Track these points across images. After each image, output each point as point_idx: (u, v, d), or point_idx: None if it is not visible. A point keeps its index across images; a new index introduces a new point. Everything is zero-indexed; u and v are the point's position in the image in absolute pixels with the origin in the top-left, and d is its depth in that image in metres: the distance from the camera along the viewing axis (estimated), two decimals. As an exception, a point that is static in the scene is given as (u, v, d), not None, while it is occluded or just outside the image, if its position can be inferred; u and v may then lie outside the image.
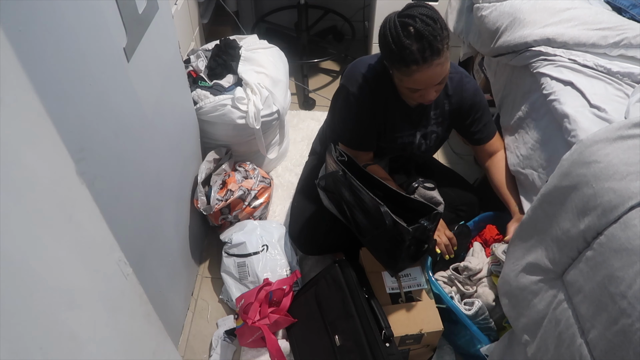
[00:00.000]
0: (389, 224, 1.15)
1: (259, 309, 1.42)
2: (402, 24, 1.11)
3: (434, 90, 1.21)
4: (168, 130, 1.30)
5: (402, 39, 1.10)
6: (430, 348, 1.41)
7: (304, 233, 1.54)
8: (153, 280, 1.22)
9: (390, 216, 1.15)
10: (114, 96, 0.94)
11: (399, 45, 1.11)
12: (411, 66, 1.12)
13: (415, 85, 1.18)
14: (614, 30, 1.32)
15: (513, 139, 1.42)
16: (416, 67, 1.12)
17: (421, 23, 1.10)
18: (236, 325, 1.49)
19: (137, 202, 1.09)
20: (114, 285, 0.65)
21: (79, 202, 0.58)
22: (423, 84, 1.18)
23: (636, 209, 0.72)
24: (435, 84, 1.18)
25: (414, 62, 1.12)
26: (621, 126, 0.83)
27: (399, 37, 1.11)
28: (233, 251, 1.55)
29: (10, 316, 0.42)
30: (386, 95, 1.32)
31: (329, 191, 1.37)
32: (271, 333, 1.40)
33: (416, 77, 1.15)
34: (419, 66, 1.12)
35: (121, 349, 0.65)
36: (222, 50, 1.76)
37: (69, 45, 0.75)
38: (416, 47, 1.10)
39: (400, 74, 1.18)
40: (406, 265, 1.34)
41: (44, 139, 0.51)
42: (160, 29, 1.16)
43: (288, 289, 1.48)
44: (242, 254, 1.53)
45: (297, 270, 1.55)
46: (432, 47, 1.10)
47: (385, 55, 1.19)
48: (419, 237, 1.20)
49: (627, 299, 0.69)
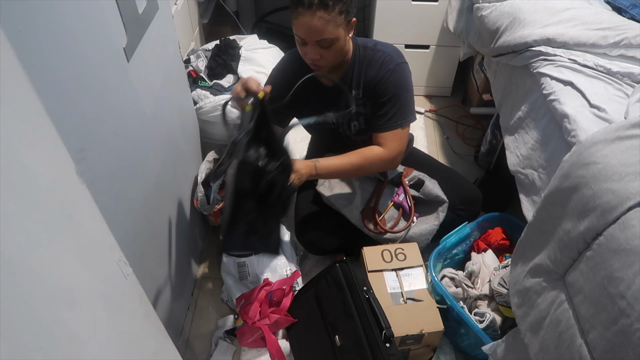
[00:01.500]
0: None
1: (259, 309, 1.42)
2: None
3: (316, 51, 1.21)
4: (168, 130, 1.30)
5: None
6: (430, 348, 1.41)
7: (309, 233, 1.55)
8: (153, 280, 1.22)
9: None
10: (114, 96, 0.94)
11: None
12: (298, 8, 1.16)
13: (298, 31, 1.20)
14: (614, 30, 1.32)
15: (513, 139, 1.42)
16: (302, 10, 1.15)
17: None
18: (236, 325, 1.49)
19: (137, 202, 1.09)
20: (114, 285, 0.65)
21: (79, 202, 0.58)
22: (303, 32, 1.19)
23: (635, 210, 0.73)
24: (316, 39, 1.18)
25: (300, 4, 1.15)
26: (619, 127, 0.83)
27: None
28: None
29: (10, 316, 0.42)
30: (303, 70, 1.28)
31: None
32: (271, 333, 1.40)
33: (299, 21, 1.17)
34: (304, 9, 1.15)
35: (121, 349, 0.65)
36: (222, 50, 1.77)
37: (69, 45, 0.75)
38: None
39: (292, 19, 1.19)
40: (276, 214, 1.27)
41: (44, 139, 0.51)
42: (160, 29, 1.17)
43: (288, 289, 1.48)
44: (241, 254, 1.53)
45: (297, 270, 1.55)
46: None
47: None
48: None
49: (626, 299, 0.69)
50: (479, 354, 1.30)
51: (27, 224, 0.47)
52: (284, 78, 1.34)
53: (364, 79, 1.33)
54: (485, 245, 1.53)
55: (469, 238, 1.55)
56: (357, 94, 1.36)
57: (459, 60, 2.20)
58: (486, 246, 1.53)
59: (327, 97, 1.37)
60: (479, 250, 1.54)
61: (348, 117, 1.40)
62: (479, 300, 1.41)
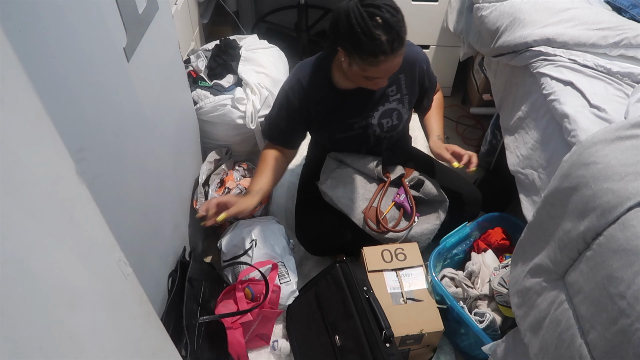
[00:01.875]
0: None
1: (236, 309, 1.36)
2: (369, 14, 1.10)
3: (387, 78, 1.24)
4: (168, 130, 1.30)
5: (372, 29, 1.10)
6: (430, 348, 1.41)
7: (310, 234, 1.55)
8: (153, 280, 1.22)
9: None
10: (114, 96, 0.94)
11: (369, 36, 1.10)
12: (379, 57, 1.13)
13: (378, 74, 1.20)
14: (614, 30, 1.32)
15: (513, 139, 1.42)
16: (384, 58, 1.13)
17: (388, 14, 1.10)
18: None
19: (137, 202, 1.09)
20: (114, 285, 0.65)
21: (79, 202, 0.58)
22: (385, 73, 1.20)
23: (634, 210, 0.73)
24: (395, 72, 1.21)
25: (382, 53, 1.12)
26: (619, 127, 0.83)
27: (368, 27, 1.10)
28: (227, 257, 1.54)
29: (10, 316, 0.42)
30: (322, 89, 1.34)
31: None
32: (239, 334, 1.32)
33: (382, 67, 1.16)
34: (387, 57, 1.13)
35: (121, 349, 0.65)
36: (222, 50, 1.76)
37: (69, 45, 0.75)
38: (385, 38, 1.11)
39: (364, 64, 1.17)
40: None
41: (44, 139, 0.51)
42: (160, 29, 1.16)
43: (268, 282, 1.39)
44: (236, 256, 1.52)
45: (270, 260, 1.47)
46: (399, 38, 1.12)
47: (350, 45, 1.15)
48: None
49: (626, 299, 0.69)
50: (479, 354, 1.30)
51: (27, 224, 0.46)
52: (310, 99, 1.36)
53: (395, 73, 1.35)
54: (485, 245, 1.53)
55: (469, 238, 1.55)
56: (392, 90, 1.40)
57: (459, 60, 2.20)
58: (486, 246, 1.53)
59: (347, 102, 1.39)
60: (479, 250, 1.54)
61: (379, 116, 1.43)
62: (479, 300, 1.41)
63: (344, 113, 1.40)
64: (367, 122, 1.42)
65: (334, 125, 1.43)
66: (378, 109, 1.41)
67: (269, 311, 1.39)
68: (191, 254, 1.39)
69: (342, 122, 1.41)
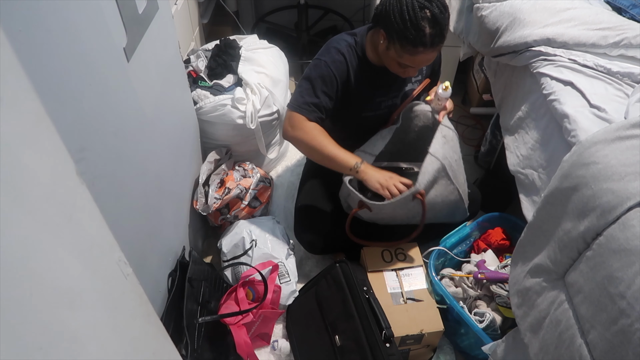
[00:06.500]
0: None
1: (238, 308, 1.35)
2: (420, 5, 1.13)
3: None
4: (168, 130, 1.30)
5: (419, 20, 1.13)
6: (430, 348, 1.41)
7: (309, 233, 1.55)
8: (153, 280, 1.22)
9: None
10: (114, 96, 0.94)
11: (415, 26, 1.13)
12: (418, 47, 1.16)
13: (412, 63, 1.22)
14: (614, 30, 1.32)
15: (513, 139, 1.42)
16: (422, 50, 1.16)
17: (437, 9, 1.13)
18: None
19: (137, 202, 1.09)
20: (114, 285, 0.65)
21: (79, 202, 0.57)
22: (419, 64, 1.22)
23: (635, 210, 0.73)
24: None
25: (422, 45, 1.15)
26: (619, 127, 0.83)
27: (417, 17, 1.13)
28: (227, 257, 1.54)
29: (10, 316, 0.42)
30: (360, 66, 1.34)
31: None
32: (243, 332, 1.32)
33: (418, 57, 1.19)
34: (426, 49, 1.16)
35: (121, 349, 0.65)
36: (222, 50, 1.76)
37: (68, 45, 0.75)
38: (429, 31, 1.14)
39: (402, 51, 1.19)
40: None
41: (44, 139, 0.51)
42: (160, 29, 1.16)
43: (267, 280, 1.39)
44: (236, 256, 1.52)
45: (271, 261, 1.47)
46: (441, 34, 1.15)
47: (394, 29, 1.17)
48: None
49: (626, 299, 0.69)
50: (479, 354, 1.30)
51: (27, 224, 0.46)
52: (348, 70, 1.34)
53: None
54: (485, 245, 1.53)
55: (469, 238, 1.55)
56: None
57: (459, 60, 2.19)
58: (486, 246, 1.53)
59: (377, 79, 1.39)
60: (479, 250, 1.54)
61: (401, 96, 1.45)
62: (479, 300, 1.41)
63: (374, 90, 1.40)
64: (392, 102, 1.44)
65: (364, 102, 1.41)
66: (403, 89, 1.44)
67: (269, 311, 1.39)
68: (191, 253, 1.39)
69: (370, 100, 1.41)
